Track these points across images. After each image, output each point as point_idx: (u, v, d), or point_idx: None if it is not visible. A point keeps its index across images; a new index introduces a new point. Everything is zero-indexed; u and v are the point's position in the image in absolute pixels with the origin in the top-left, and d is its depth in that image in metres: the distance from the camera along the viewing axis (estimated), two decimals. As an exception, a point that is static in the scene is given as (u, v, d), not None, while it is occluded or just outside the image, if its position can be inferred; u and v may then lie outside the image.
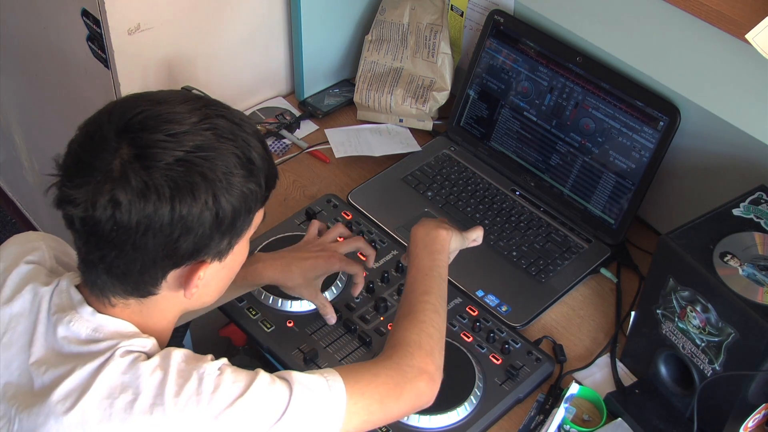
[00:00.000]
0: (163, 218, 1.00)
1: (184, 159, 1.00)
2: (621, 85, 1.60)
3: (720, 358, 1.26)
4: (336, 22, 1.97)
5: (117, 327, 1.09)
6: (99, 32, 1.65)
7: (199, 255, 1.06)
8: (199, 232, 1.03)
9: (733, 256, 1.26)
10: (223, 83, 1.87)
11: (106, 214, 0.99)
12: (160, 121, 1.02)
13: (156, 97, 1.06)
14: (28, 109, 2.33)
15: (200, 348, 2.00)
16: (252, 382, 1.06)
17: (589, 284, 1.63)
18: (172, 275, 1.08)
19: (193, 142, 1.01)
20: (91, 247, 1.04)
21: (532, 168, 1.76)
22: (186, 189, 1.00)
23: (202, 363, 1.06)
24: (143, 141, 1.00)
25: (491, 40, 1.78)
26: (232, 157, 1.04)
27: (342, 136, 1.91)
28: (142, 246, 1.02)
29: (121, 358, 1.05)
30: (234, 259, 1.13)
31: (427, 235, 1.37)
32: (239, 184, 1.04)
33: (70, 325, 1.08)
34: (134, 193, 0.99)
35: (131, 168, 0.99)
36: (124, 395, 1.02)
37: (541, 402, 1.43)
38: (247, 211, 1.08)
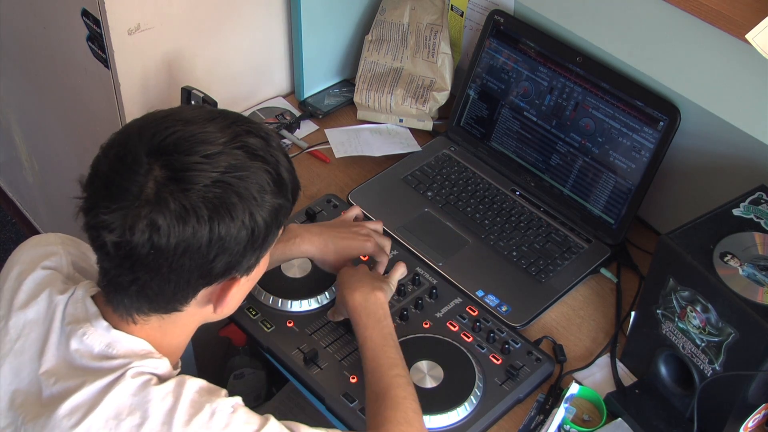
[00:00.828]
0: (201, 240, 1.00)
1: (220, 180, 1.00)
2: (621, 85, 1.60)
3: (720, 358, 1.26)
4: (336, 22, 1.97)
5: (131, 345, 1.08)
6: (99, 32, 1.65)
7: (231, 272, 1.07)
8: (235, 251, 1.04)
9: (733, 256, 1.26)
10: (223, 83, 1.87)
11: (144, 238, 0.98)
12: (194, 143, 1.01)
13: (184, 116, 1.05)
14: (28, 109, 2.33)
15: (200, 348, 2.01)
16: (263, 427, 1.06)
17: (589, 284, 1.63)
18: (202, 293, 1.08)
19: (227, 162, 1.01)
20: (123, 271, 1.02)
21: (532, 168, 1.76)
22: (224, 210, 1.00)
23: (215, 397, 1.06)
24: (179, 163, 1.00)
25: (491, 40, 1.78)
26: (264, 174, 1.04)
27: (342, 136, 1.91)
28: (177, 268, 1.01)
29: (132, 379, 1.04)
30: (258, 271, 1.14)
31: (366, 301, 1.37)
32: (271, 201, 1.05)
33: (84, 338, 1.07)
34: (173, 216, 0.98)
35: (168, 191, 0.98)
36: (131, 418, 1.02)
37: (541, 402, 1.43)
38: (277, 226, 1.09)
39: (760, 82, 1.38)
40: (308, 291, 1.52)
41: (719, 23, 1.34)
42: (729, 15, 1.32)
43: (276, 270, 1.55)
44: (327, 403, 1.39)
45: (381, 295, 1.39)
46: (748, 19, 1.28)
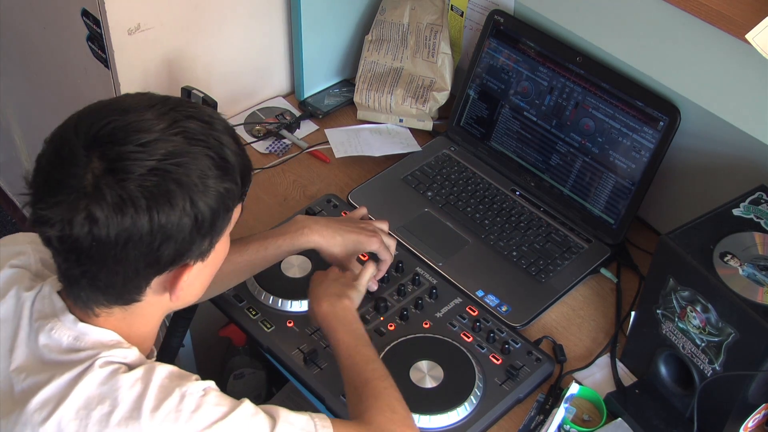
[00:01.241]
0: (142, 229, 0.99)
1: (157, 168, 0.99)
2: (621, 85, 1.60)
3: (720, 358, 1.26)
4: (336, 22, 1.97)
5: (99, 336, 1.08)
6: (99, 32, 1.65)
7: (182, 259, 1.06)
8: (180, 238, 1.02)
9: (733, 256, 1.26)
10: (223, 83, 1.87)
11: (84, 231, 0.98)
12: (129, 131, 1.00)
13: (122, 105, 1.04)
14: (28, 108, 2.33)
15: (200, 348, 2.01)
16: (234, 409, 1.05)
17: (589, 284, 1.63)
18: (156, 281, 1.07)
19: (165, 149, 1.00)
20: (71, 264, 1.02)
21: (532, 168, 1.76)
22: (162, 198, 0.99)
23: (186, 381, 1.05)
24: (114, 153, 0.99)
25: (491, 40, 1.78)
26: (206, 159, 1.02)
27: (342, 136, 1.91)
28: (123, 258, 1.01)
29: (100, 369, 1.04)
30: (216, 256, 1.13)
31: (334, 308, 1.36)
32: (215, 185, 1.03)
33: (52, 333, 1.07)
34: (110, 207, 0.97)
35: (104, 182, 0.98)
36: (101, 406, 1.01)
37: (541, 402, 1.43)
38: (226, 210, 1.07)
39: (760, 82, 1.38)
40: (308, 291, 1.52)
41: (719, 23, 1.34)
42: (729, 15, 1.32)
43: (276, 270, 1.55)
44: (327, 403, 1.39)
45: (348, 302, 1.38)
46: (748, 19, 1.28)
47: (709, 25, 1.36)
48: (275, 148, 1.89)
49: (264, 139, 1.91)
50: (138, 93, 1.09)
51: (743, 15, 1.30)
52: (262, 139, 1.91)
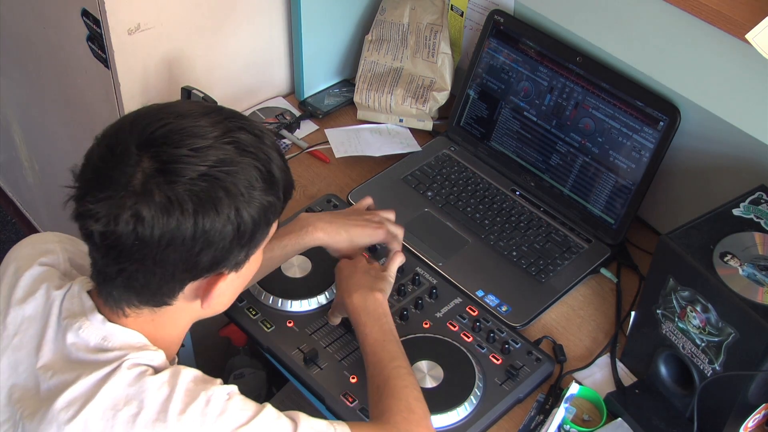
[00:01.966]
0: (185, 233, 1.00)
1: (207, 174, 1.00)
2: (621, 85, 1.60)
3: (720, 358, 1.26)
4: (336, 22, 1.97)
5: (127, 338, 1.08)
6: (99, 32, 1.65)
7: (218, 267, 1.07)
8: (220, 246, 1.03)
9: (733, 256, 1.26)
10: (224, 83, 1.87)
11: (128, 228, 0.98)
12: (184, 136, 1.01)
13: (178, 110, 1.05)
14: (28, 109, 2.33)
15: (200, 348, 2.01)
16: (259, 413, 1.06)
17: (589, 284, 1.63)
18: (189, 287, 1.08)
19: (216, 156, 1.01)
20: (110, 261, 1.03)
21: (532, 168, 1.76)
22: (209, 204, 1.00)
23: (211, 385, 1.06)
24: (167, 155, 1.00)
25: (491, 40, 1.78)
26: (254, 170, 1.04)
27: (342, 136, 1.91)
28: (162, 260, 1.01)
29: (128, 370, 1.04)
30: (249, 268, 1.13)
31: (365, 302, 1.37)
32: (260, 197, 1.04)
33: (80, 331, 1.08)
34: (157, 207, 0.98)
35: (154, 182, 0.99)
36: (128, 408, 1.02)
37: (541, 402, 1.43)
38: (266, 224, 1.08)
39: (760, 82, 1.38)
40: (308, 291, 1.52)
41: (719, 23, 1.34)
42: (729, 15, 1.32)
43: (276, 270, 1.55)
44: (327, 403, 1.39)
45: (380, 296, 1.39)
46: (748, 19, 1.28)
47: (709, 25, 1.36)
48: (275, 148, 1.89)
49: (264, 139, 1.91)
50: (193, 101, 1.11)
51: (743, 15, 1.30)
52: (262, 139, 1.90)
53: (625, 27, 1.57)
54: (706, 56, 1.45)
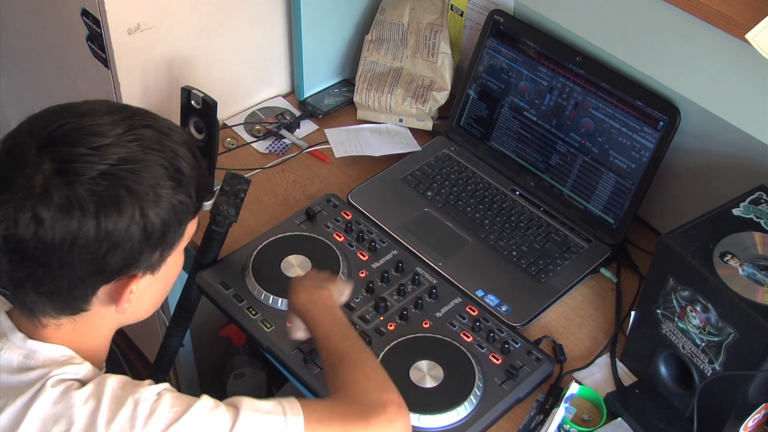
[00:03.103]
0: (88, 234, 0.97)
1: (108, 172, 0.98)
2: (621, 85, 1.60)
3: (720, 357, 1.26)
4: (336, 21, 1.97)
5: (50, 353, 1.06)
6: (99, 32, 1.65)
7: (129, 270, 1.04)
8: (128, 247, 1.01)
9: (733, 256, 1.26)
10: (223, 83, 1.87)
11: (29, 231, 0.97)
12: (83, 134, 0.99)
13: (79, 109, 1.03)
14: (28, 108, 2.30)
15: (200, 348, 2.01)
16: (189, 408, 1.03)
17: (589, 284, 1.63)
18: (102, 291, 1.06)
19: (118, 154, 0.99)
20: (17, 266, 1.01)
21: (532, 168, 1.76)
22: (111, 203, 0.98)
23: (138, 388, 1.04)
24: (65, 155, 0.98)
25: (491, 39, 1.78)
26: (159, 168, 1.01)
27: (342, 136, 1.91)
28: (68, 263, 0.99)
29: (52, 389, 1.02)
30: (168, 271, 1.11)
31: (311, 297, 1.35)
32: (168, 196, 1.02)
33: (2, 353, 1.06)
34: (57, 209, 0.96)
35: (53, 183, 0.97)
36: (57, 426, 1.00)
37: (541, 402, 1.43)
38: (178, 223, 1.06)
39: (760, 82, 1.38)
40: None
41: (719, 23, 1.34)
42: (729, 15, 1.32)
43: (276, 270, 1.55)
44: (327, 402, 1.39)
45: (326, 292, 1.37)
46: (748, 19, 1.28)
47: (709, 25, 1.36)
48: (275, 148, 1.89)
49: (264, 139, 1.91)
50: (98, 100, 1.08)
51: (743, 15, 1.30)
52: (262, 139, 1.91)
53: (625, 27, 1.57)
54: (706, 56, 1.45)
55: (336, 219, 1.67)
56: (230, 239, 1.58)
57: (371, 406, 1.16)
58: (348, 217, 1.67)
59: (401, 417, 1.18)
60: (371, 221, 1.68)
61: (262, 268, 1.56)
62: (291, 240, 1.61)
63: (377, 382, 1.21)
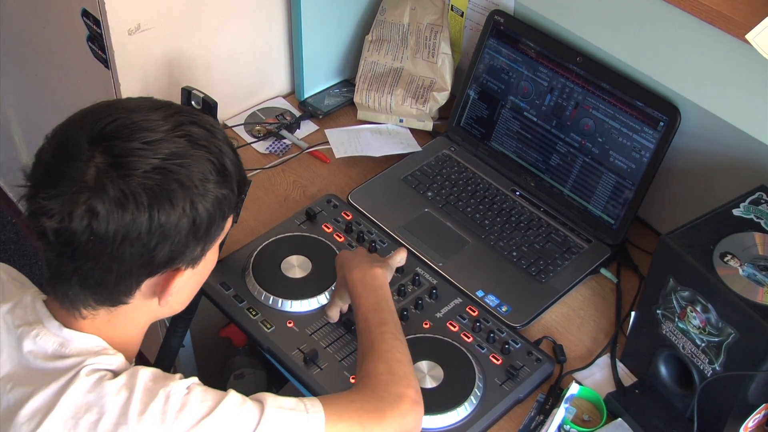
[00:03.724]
0: (141, 227, 0.99)
1: (160, 167, 0.99)
2: (621, 86, 1.60)
3: (720, 358, 1.26)
4: (336, 22, 1.97)
5: (84, 343, 1.07)
6: (99, 32, 1.65)
7: (174, 263, 1.06)
8: (176, 240, 1.02)
9: (734, 257, 1.26)
10: (223, 83, 1.87)
11: (83, 224, 0.98)
12: (135, 129, 1.01)
13: (128, 105, 1.04)
14: (28, 108, 2.33)
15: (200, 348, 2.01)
16: (220, 402, 1.05)
17: (589, 284, 1.63)
18: (146, 284, 1.07)
19: (169, 149, 1.01)
20: (65, 259, 1.02)
21: (532, 168, 1.76)
22: (164, 197, 0.99)
23: (169, 381, 1.05)
24: (118, 149, 0.99)
25: (491, 40, 1.78)
26: (207, 163, 1.03)
27: (342, 137, 1.91)
28: (118, 256, 1.00)
29: (86, 377, 1.03)
30: (205, 265, 1.13)
31: (364, 275, 1.37)
32: (214, 190, 1.04)
33: (37, 339, 1.07)
34: (112, 202, 0.97)
35: (107, 177, 0.98)
36: (89, 415, 1.01)
37: (541, 402, 1.43)
38: (221, 217, 1.08)
39: (760, 83, 1.38)
40: (308, 291, 1.52)
41: (719, 23, 1.34)
42: (729, 15, 1.32)
43: (276, 270, 1.55)
44: (327, 403, 1.39)
45: (379, 270, 1.39)
46: (749, 20, 1.28)
47: (709, 25, 1.36)
48: (275, 148, 1.89)
49: (264, 139, 1.91)
50: (142, 97, 1.10)
51: (743, 15, 1.30)
52: (262, 140, 1.91)
53: (625, 27, 1.57)
54: (706, 56, 1.45)
55: (336, 219, 1.67)
56: (230, 240, 1.58)
57: (388, 400, 1.19)
58: (348, 218, 1.67)
59: (413, 412, 1.21)
60: (371, 222, 1.68)
61: (263, 268, 1.56)
62: (291, 240, 1.61)
63: (398, 375, 1.23)
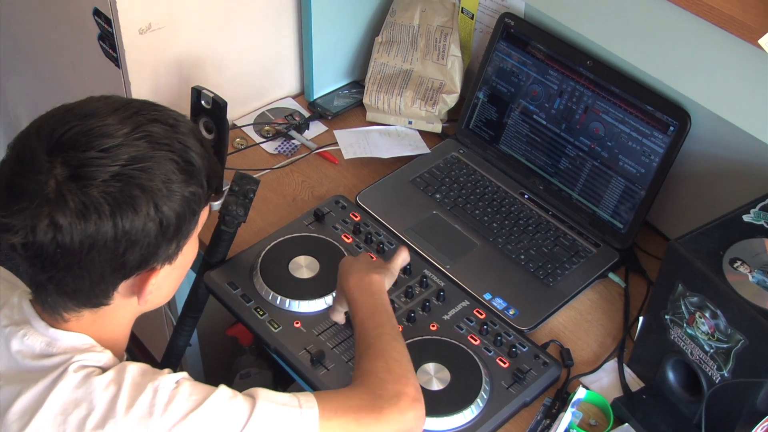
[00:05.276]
0: (106, 235, 0.99)
1: (120, 173, 0.99)
2: (631, 90, 1.59)
3: (729, 364, 1.26)
4: (346, 23, 1.97)
5: (71, 341, 1.08)
6: (110, 31, 1.66)
7: (148, 263, 1.06)
8: (145, 243, 1.02)
9: (743, 263, 1.25)
10: (233, 84, 1.87)
11: (48, 237, 0.98)
12: (92, 137, 1.00)
13: (84, 110, 1.03)
14: (39, 107, 2.31)
15: (207, 347, 2.01)
16: (208, 396, 1.05)
17: (597, 289, 1.63)
18: (123, 285, 1.07)
19: (128, 154, 1.00)
20: (37, 270, 1.02)
21: (541, 171, 1.75)
22: (126, 204, 0.99)
23: (158, 376, 1.05)
24: (76, 159, 0.98)
25: (501, 43, 1.78)
26: (170, 163, 1.02)
27: (351, 138, 1.91)
28: (88, 264, 1.01)
29: (74, 374, 1.04)
30: (184, 258, 1.13)
31: (360, 281, 1.36)
32: (180, 190, 1.03)
33: (25, 339, 1.07)
34: (73, 214, 0.97)
35: (67, 188, 0.97)
36: (78, 410, 1.02)
37: (547, 406, 1.42)
38: (192, 214, 1.07)
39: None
40: (316, 291, 1.52)
41: (731, 28, 1.33)
42: (741, 20, 1.31)
43: (284, 270, 1.55)
44: (333, 404, 1.39)
45: (376, 277, 1.38)
46: (761, 24, 1.28)
47: (721, 30, 1.35)
48: (284, 148, 1.89)
49: (273, 139, 1.91)
50: (102, 96, 1.08)
51: (756, 20, 1.30)
52: (271, 140, 1.91)
53: (636, 31, 1.56)
54: (718, 61, 1.45)
55: (344, 220, 1.67)
56: (239, 239, 1.58)
57: (386, 397, 1.18)
58: (356, 219, 1.67)
59: (413, 409, 1.20)
60: (379, 223, 1.68)
61: (270, 268, 1.56)
62: (299, 241, 1.61)
63: (396, 374, 1.22)
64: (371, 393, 1.19)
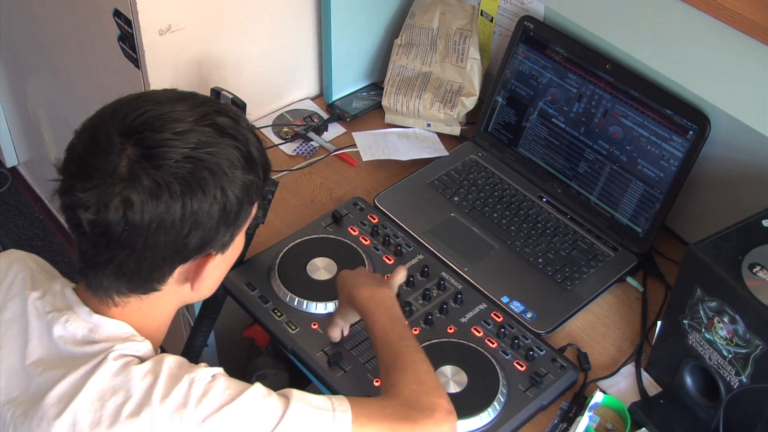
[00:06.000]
0: (174, 215, 1.02)
1: (190, 156, 1.02)
2: (650, 93, 1.59)
3: (747, 369, 1.25)
4: (365, 25, 1.98)
5: (113, 329, 1.10)
6: (130, 32, 1.67)
7: (206, 249, 1.08)
8: (208, 226, 1.05)
9: (762, 268, 1.25)
10: (252, 85, 1.88)
11: (118, 214, 1.00)
12: (164, 121, 1.03)
13: (155, 97, 1.08)
14: (58, 107, 2.35)
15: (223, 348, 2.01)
16: (243, 392, 1.06)
17: (615, 292, 1.62)
18: (179, 270, 1.10)
19: (197, 138, 1.03)
20: (100, 250, 1.04)
21: (560, 175, 1.75)
22: (196, 185, 1.02)
23: (195, 369, 1.07)
24: (150, 141, 1.02)
25: (521, 46, 1.78)
26: (234, 150, 1.06)
27: (369, 140, 1.91)
28: (152, 244, 1.03)
29: (113, 362, 1.05)
30: (233, 250, 1.15)
31: (373, 295, 1.36)
32: (242, 176, 1.07)
33: (67, 324, 1.09)
34: (146, 192, 1.00)
35: (141, 167, 1.00)
36: (115, 398, 1.03)
37: (564, 410, 1.42)
38: (249, 203, 1.10)
39: (792, 93, 1.37)
40: (333, 293, 1.52)
41: (752, 32, 1.33)
42: (762, 24, 1.31)
43: (302, 272, 1.55)
44: (350, 405, 1.39)
45: (387, 291, 1.38)
46: (782, 29, 1.27)
47: (741, 34, 1.35)
48: (302, 150, 1.90)
49: (291, 141, 1.92)
50: (166, 89, 1.13)
51: (777, 24, 1.29)
52: (290, 141, 1.92)
53: (655, 34, 1.56)
54: (738, 65, 1.44)
55: (362, 222, 1.67)
56: (257, 240, 1.59)
57: (420, 409, 1.19)
58: (374, 221, 1.68)
59: (448, 422, 1.20)
60: (397, 225, 1.68)
61: (288, 269, 1.56)
62: (317, 242, 1.62)
63: (428, 386, 1.23)
64: (406, 404, 1.20)
